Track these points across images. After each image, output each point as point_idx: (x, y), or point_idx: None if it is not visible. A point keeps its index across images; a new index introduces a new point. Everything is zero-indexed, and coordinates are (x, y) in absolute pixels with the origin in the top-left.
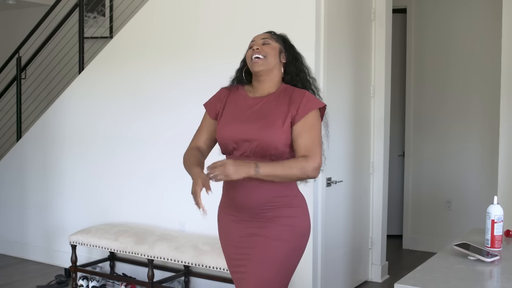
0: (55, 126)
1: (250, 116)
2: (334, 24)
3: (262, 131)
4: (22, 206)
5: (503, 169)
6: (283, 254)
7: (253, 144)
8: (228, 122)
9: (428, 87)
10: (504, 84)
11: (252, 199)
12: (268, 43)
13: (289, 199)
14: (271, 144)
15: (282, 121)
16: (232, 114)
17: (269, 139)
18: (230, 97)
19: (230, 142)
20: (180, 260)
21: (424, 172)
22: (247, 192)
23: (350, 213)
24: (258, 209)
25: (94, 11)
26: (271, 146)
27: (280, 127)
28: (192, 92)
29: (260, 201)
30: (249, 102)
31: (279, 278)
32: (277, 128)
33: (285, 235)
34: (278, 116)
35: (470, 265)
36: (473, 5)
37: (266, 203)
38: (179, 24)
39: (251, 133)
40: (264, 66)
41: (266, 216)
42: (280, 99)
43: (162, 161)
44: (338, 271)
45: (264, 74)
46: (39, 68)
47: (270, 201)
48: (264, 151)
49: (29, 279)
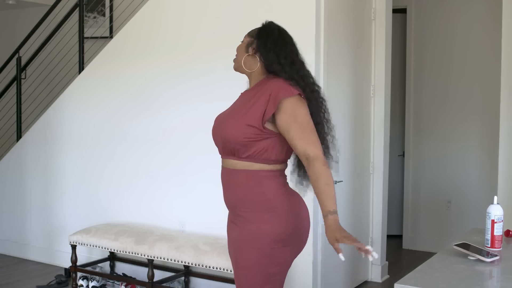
0: (55, 126)
1: (224, 113)
2: (334, 24)
3: (223, 127)
4: (22, 206)
5: (503, 169)
6: (251, 261)
7: (220, 141)
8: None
9: (428, 87)
10: (504, 84)
11: (227, 197)
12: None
13: (260, 203)
14: (229, 140)
15: (243, 116)
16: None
17: (227, 135)
18: None
19: (214, 140)
20: (180, 260)
21: (424, 172)
22: (225, 191)
23: (350, 213)
24: (233, 210)
25: (94, 11)
26: (230, 142)
27: (240, 122)
28: (192, 92)
29: (234, 202)
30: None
31: (252, 284)
32: (236, 123)
33: (253, 241)
34: (242, 110)
35: (470, 265)
36: (473, 5)
37: (238, 206)
38: (180, 24)
39: (218, 129)
40: (235, 66)
41: (241, 219)
42: (252, 92)
43: (162, 161)
44: (338, 271)
45: (245, 72)
46: (39, 68)
47: (240, 204)
48: (226, 147)
49: (29, 279)
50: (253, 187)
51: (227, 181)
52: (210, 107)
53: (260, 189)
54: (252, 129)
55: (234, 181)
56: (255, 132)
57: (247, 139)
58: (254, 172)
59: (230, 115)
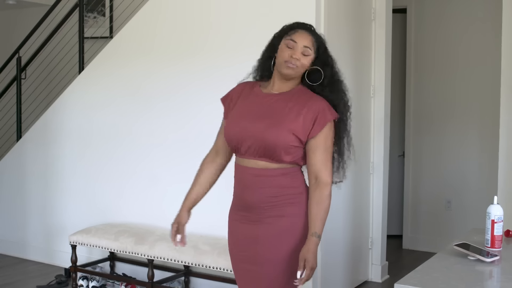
0: (55, 126)
1: (257, 114)
2: (334, 24)
3: (266, 130)
4: (22, 206)
5: (503, 169)
6: (287, 255)
7: (257, 143)
8: (235, 120)
9: (428, 87)
10: (504, 84)
11: (256, 197)
12: (307, 55)
13: (294, 197)
14: (273, 145)
15: (289, 124)
16: (241, 110)
17: (272, 139)
18: (244, 92)
19: (235, 140)
20: (180, 260)
21: (424, 172)
22: (252, 191)
23: (350, 213)
24: (257, 209)
25: (94, 11)
26: (274, 146)
27: (286, 129)
28: (192, 92)
29: (260, 200)
30: (260, 98)
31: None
32: (282, 130)
33: (288, 235)
34: (287, 117)
35: (470, 265)
36: (473, 5)
37: (266, 203)
38: (180, 24)
39: (256, 131)
40: (295, 74)
41: (268, 216)
42: (293, 100)
43: (163, 161)
44: (338, 271)
45: (289, 77)
46: (39, 68)
47: (270, 201)
48: (266, 150)
49: (29, 279)
50: (287, 183)
51: (253, 181)
52: (210, 107)
53: (293, 184)
54: (296, 139)
55: (265, 180)
56: (298, 141)
57: (291, 146)
58: (287, 170)
59: (271, 121)
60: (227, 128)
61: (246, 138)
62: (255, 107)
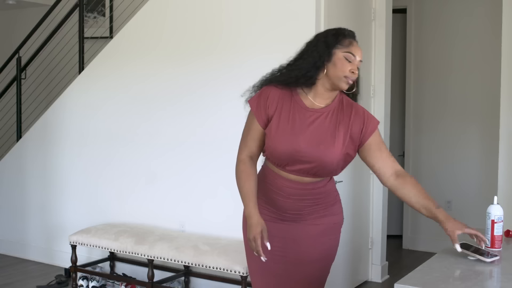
0: (55, 126)
1: (312, 135)
2: (334, 24)
3: (323, 153)
4: (22, 206)
5: (503, 169)
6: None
7: (312, 165)
8: (285, 136)
9: (428, 87)
10: (504, 84)
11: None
12: (359, 68)
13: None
14: (329, 165)
15: (342, 141)
16: (289, 126)
17: (329, 160)
18: (285, 103)
19: (286, 158)
20: (180, 260)
21: (424, 172)
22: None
23: (350, 213)
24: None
25: (94, 11)
26: (329, 167)
27: (340, 147)
28: (192, 92)
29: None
30: (308, 115)
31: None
32: (337, 149)
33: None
34: (339, 134)
35: (470, 265)
36: (473, 5)
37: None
38: (180, 24)
39: (312, 154)
40: (356, 79)
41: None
42: (339, 113)
43: (163, 161)
44: (338, 271)
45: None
46: (39, 68)
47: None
48: (321, 171)
49: (29, 279)
50: (328, 189)
51: (295, 193)
52: (210, 108)
53: (332, 188)
54: (350, 156)
55: (309, 192)
56: (351, 157)
57: (346, 165)
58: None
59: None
60: (275, 144)
61: (300, 161)
62: (304, 125)
